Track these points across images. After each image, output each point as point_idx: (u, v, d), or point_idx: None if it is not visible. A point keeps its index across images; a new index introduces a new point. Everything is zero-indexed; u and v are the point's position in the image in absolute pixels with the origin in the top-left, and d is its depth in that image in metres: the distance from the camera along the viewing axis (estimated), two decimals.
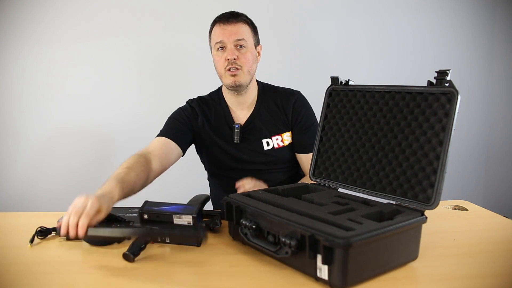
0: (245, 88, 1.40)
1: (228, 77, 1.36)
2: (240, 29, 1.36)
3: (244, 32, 1.37)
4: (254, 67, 1.41)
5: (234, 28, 1.35)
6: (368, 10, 2.34)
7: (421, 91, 0.97)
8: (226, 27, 1.35)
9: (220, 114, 1.47)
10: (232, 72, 1.35)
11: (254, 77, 1.46)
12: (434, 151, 0.92)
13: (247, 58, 1.36)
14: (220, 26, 1.37)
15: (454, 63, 2.42)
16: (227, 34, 1.35)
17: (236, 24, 1.36)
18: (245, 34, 1.37)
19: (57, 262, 0.96)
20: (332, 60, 2.34)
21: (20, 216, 1.29)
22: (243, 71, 1.36)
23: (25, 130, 2.18)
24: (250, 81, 1.41)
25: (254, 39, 1.41)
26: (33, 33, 2.12)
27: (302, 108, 1.46)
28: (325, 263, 0.78)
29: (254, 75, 1.45)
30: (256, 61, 1.43)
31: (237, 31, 1.35)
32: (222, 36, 1.35)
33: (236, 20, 1.36)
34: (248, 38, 1.37)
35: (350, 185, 1.09)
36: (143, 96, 2.24)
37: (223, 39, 1.35)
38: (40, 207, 2.15)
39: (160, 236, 0.94)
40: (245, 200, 1.01)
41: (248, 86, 1.42)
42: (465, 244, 1.04)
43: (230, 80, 1.36)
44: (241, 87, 1.39)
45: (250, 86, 1.43)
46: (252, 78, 1.42)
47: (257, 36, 1.44)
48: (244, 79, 1.37)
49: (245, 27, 1.38)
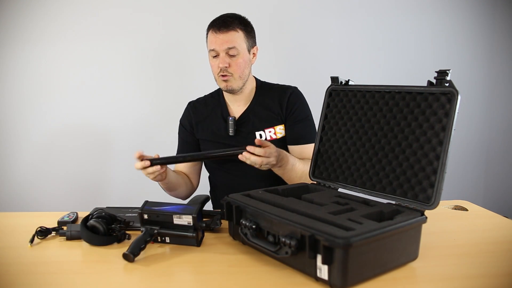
0: (238, 90, 1.46)
1: (221, 82, 1.44)
2: (231, 37, 1.39)
3: (236, 40, 1.40)
4: (246, 72, 1.45)
5: (225, 36, 1.38)
6: (368, 10, 2.34)
7: (421, 91, 0.97)
8: (218, 35, 1.39)
9: (217, 109, 1.53)
10: (224, 78, 1.41)
11: (250, 76, 1.50)
12: (434, 151, 0.92)
13: (238, 65, 1.40)
14: (213, 34, 1.41)
15: (454, 63, 2.42)
16: (219, 42, 1.39)
17: (228, 32, 1.39)
18: (237, 42, 1.40)
19: (57, 262, 0.96)
20: (332, 60, 2.34)
21: (20, 216, 1.29)
22: (234, 77, 1.41)
23: (25, 130, 2.18)
24: (243, 85, 1.46)
25: (247, 43, 1.43)
26: (33, 33, 2.12)
27: (297, 101, 1.49)
28: (325, 263, 0.78)
29: (250, 75, 1.49)
30: (250, 64, 1.47)
31: (228, 39, 1.38)
32: (214, 44, 1.40)
33: (227, 29, 1.39)
34: (240, 45, 1.40)
35: (350, 185, 1.09)
36: (143, 96, 2.24)
37: (215, 47, 1.40)
38: (40, 207, 2.15)
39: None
40: (245, 200, 1.01)
41: (242, 87, 1.46)
42: (465, 244, 1.04)
43: (223, 84, 1.44)
44: (233, 90, 1.45)
45: (245, 85, 1.48)
46: (245, 82, 1.46)
47: (252, 38, 1.46)
48: (235, 84, 1.43)
49: (236, 33, 1.40)
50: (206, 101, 1.58)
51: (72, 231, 1.07)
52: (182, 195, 1.51)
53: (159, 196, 1.35)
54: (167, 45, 2.22)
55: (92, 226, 1.04)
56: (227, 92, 1.48)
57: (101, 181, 2.27)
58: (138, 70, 2.22)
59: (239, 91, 1.46)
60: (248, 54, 1.44)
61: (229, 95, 1.50)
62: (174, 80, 2.26)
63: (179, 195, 1.50)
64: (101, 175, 2.27)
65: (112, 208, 1.23)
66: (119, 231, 1.05)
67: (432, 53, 2.40)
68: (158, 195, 1.37)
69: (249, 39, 1.44)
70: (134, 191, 2.23)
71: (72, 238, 1.06)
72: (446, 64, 1.41)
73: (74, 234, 1.06)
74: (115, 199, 2.19)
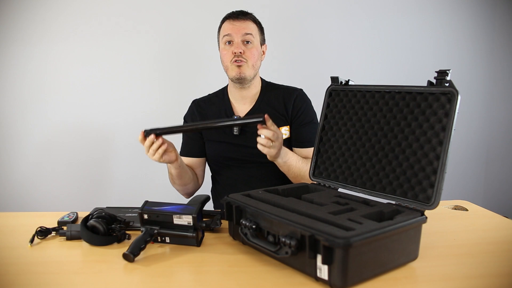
0: (248, 82, 1.46)
1: (234, 68, 1.42)
2: (248, 25, 1.44)
3: (252, 29, 1.45)
4: (258, 63, 1.48)
5: (243, 24, 1.43)
6: (368, 10, 2.34)
7: (421, 91, 0.97)
8: (235, 22, 1.43)
9: (221, 108, 1.53)
10: (238, 63, 1.41)
11: (258, 73, 1.51)
12: (434, 151, 0.92)
13: (252, 53, 1.43)
14: (230, 22, 1.45)
15: (454, 63, 2.41)
16: (236, 29, 1.42)
17: (245, 21, 1.44)
18: (253, 31, 1.45)
19: (57, 262, 0.96)
20: (332, 60, 2.34)
21: (20, 216, 1.29)
22: (248, 64, 1.42)
23: (25, 130, 2.18)
24: (254, 76, 1.47)
25: (260, 37, 1.49)
26: (34, 33, 2.12)
27: (303, 104, 1.50)
28: (325, 263, 0.78)
29: (258, 72, 1.50)
30: (261, 59, 1.50)
31: (246, 26, 1.43)
32: (230, 30, 1.43)
33: (245, 18, 1.45)
34: (255, 35, 1.45)
35: (350, 185, 1.09)
36: (144, 96, 2.24)
37: (231, 33, 1.42)
38: (40, 207, 2.15)
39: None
40: (245, 200, 1.01)
41: (252, 81, 1.47)
42: (465, 244, 1.04)
43: (235, 71, 1.42)
44: (245, 79, 1.44)
45: (254, 81, 1.49)
46: (256, 74, 1.48)
47: (263, 35, 1.52)
48: (248, 72, 1.43)
49: (253, 24, 1.46)
50: (210, 100, 1.58)
51: (72, 231, 1.06)
52: (189, 185, 1.48)
53: (159, 196, 1.35)
54: (169, 44, 2.22)
55: (92, 226, 1.04)
56: (236, 84, 1.46)
57: (101, 181, 2.27)
58: (139, 69, 2.22)
59: (248, 83, 1.46)
60: (260, 48, 1.48)
61: (236, 92, 1.50)
62: (175, 79, 2.26)
63: (187, 184, 1.47)
64: (101, 175, 2.27)
65: (112, 208, 1.23)
66: (119, 231, 1.05)
67: (432, 53, 2.40)
68: (158, 195, 1.36)
69: (261, 35, 1.50)
70: (134, 191, 2.23)
71: (72, 238, 1.06)
72: (446, 64, 1.41)
73: (74, 234, 1.06)
74: (115, 199, 2.19)
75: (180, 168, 1.36)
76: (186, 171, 1.42)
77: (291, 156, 1.35)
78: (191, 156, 1.55)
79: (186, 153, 1.56)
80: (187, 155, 1.56)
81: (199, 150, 1.55)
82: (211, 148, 1.53)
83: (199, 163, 1.57)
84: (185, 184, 1.46)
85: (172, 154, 1.25)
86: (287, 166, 1.35)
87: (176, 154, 1.28)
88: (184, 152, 1.57)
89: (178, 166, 1.33)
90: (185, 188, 1.49)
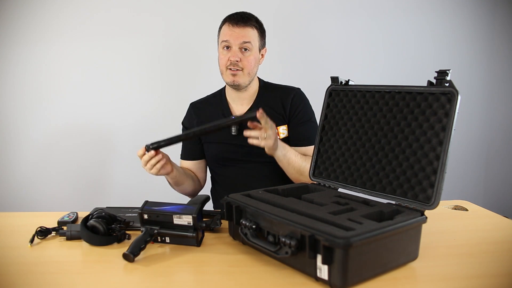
0: (243, 88, 1.46)
1: (228, 75, 1.42)
2: (247, 32, 1.41)
3: (251, 36, 1.42)
4: (255, 70, 1.46)
5: (242, 31, 1.40)
6: (368, 10, 2.34)
7: (421, 91, 0.97)
8: (234, 29, 1.40)
9: (219, 108, 1.53)
10: (233, 72, 1.41)
11: (256, 75, 1.50)
12: (434, 151, 0.92)
13: (249, 61, 1.41)
14: (229, 27, 1.41)
15: (454, 63, 2.41)
16: (234, 36, 1.40)
17: (245, 27, 1.41)
18: (252, 38, 1.42)
19: (57, 262, 0.96)
20: (332, 60, 2.34)
21: (20, 216, 1.29)
22: (243, 72, 1.41)
23: (25, 130, 2.18)
24: (250, 83, 1.46)
25: (260, 42, 1.46)
26: (34, 32, 2.12)
27: (301, 103, 1.50)
28: (325, 263, 0.78)
29: (255, 75, 1.49)
30: (258, 64, 1.48)
31: (245, 34, 1.40)
32: (229, 36, 1.40)
33: (245, 24, 1.41)
34: (253, 42, 1.42)
35: (350, 185, 1.09)
36: (144, 96, 2.24)
37: (229, 39, 1.40)
38: (40, 207, 2.15)
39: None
40: (245, 200, 1.01)
41: (248, 86, 1.47)
42: (465, 244, 1.04)
43: (230, 78, 1.42)
44: (239, 86, 1.44)
45: (251, 84, 1.48)
46: (252, 80, 1.47)
47: (263, 39, 1.49)
48: (243, 80, 1.42)
49: (252, 31, 1.43)
50: (208, 101, 1.58)
51: (72, 231, 1.07)
52: (189, 189, 1.51)
53: (159, 196, 1.35)
54: (169, 45, 2.22)
55: (92, 226, 1.04)
56: (231, 88, 1.47)
57: (101, 181, 2.27)
58: (139, 70, 2.22)
59: (243, 88, 1.46)
60: (258, 53, 1.46)
61: (233, 93, 1.50)
62: (175, 80, 2.26)
63: (186, 189, 1.50)
64: (101, 175, 2.27)
65: (112, 208, 1.23)
66: (119, 231, 1.05)
67: (432, 53, 2.40)
68: (158, 195, 1.36)
69: (261, 39, 1.47)
70: (134, 191, 2.23)
71: (72, 238, 1.06)
72: (446, 64, 1.40)
73: (74, 234, 1.06)
74: (115, 199, 2.19)
75: (176, 177, 1.38)
76: (183, 178, 1.44)
77: (289, 149, 1.36)
78: (192, 159, 1.56)
79: (186, 157, 1.57)
80: (187, 158, 1.57)
81: (199, 153, 1.56)
82: (210, 149, 1.53)
83: (200, 165, 1.58)
84: (184, 189, 1.49)
85: (168, 166, 1.27)
86: (287, 159, 1.35)
87: (172, 165, 1.30)
88: (184, 155, 1.57)
89: (174, 176, 1.36)
90: (184, 191, 1.51)
